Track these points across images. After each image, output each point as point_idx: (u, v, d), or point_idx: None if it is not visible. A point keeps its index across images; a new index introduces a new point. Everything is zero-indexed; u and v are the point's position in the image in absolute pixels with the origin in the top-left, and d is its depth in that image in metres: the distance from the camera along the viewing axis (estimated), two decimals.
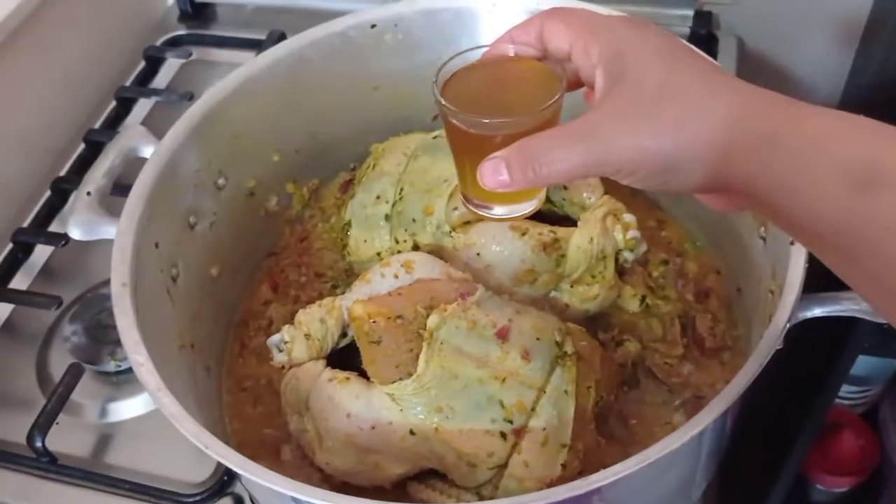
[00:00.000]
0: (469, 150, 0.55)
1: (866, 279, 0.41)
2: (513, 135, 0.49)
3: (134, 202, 0.66)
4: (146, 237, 0.66)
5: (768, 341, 0.55)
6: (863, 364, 1.07)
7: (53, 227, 1.00)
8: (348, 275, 0.83)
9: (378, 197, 0.78)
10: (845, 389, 1.14)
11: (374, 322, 0.65)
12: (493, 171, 0.48)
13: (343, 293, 0.74)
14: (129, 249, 0.63)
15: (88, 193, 0.68)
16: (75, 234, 0.67)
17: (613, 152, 0.45)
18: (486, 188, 0.49)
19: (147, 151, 0.74)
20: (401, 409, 0.63)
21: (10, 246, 0.97)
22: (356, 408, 0.63)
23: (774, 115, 0.43)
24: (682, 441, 0.52)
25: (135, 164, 0.76)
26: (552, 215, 0.80)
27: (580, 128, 0.47)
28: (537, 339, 0.66)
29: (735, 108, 0.44)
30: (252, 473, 0.52)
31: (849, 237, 0.40)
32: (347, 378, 0.66)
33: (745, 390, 0.53)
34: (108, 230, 0.68)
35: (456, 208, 0.74)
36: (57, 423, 0.80)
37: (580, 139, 0.46)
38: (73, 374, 0.83)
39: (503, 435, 0.62)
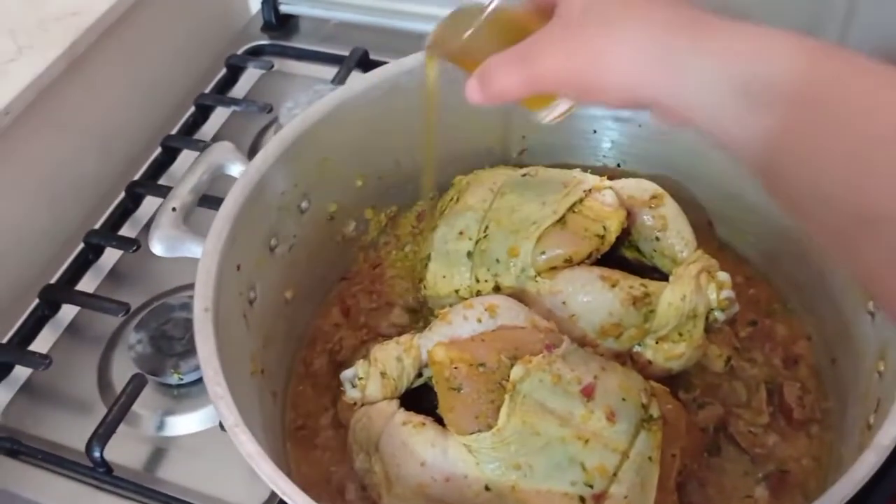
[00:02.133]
0: None
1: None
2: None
3: (221, 223, 0.64)
4: (229, 259, 0.65)
5: (889, 437, 0.51)
6: None
7: (125, 231, 0.99)
8: (421, 307, 0.81)
9: (461, 233, 0.76)
10: None
11: (455, 368, 0.62)
12: (469, 90, 0.54)
13: (418, 329, 0.72)
14: (214, 271, 0.62)
15: (174, 209, 0.66)
16: (158, 249, 0.65)
17: (544, 72, 0.50)
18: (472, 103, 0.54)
19: (234, 168, 0.72)
20: (477, 463, 0.60)
21: (80, 246, 0.96)
22: (431, 457, 0.61)
23: (683, 33, 0.45)
24: None
25: (220, 180, 0.75)
26: (640, 266, 0.77)
27: (521, 50, 0.52)
28: (623, 399, 0.63)
29: (648, 28, 0.46)
30: None
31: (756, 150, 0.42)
32: (423, 423, 0.63)
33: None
34: (191, 248, 0.66)
35: (543, 252, 0.71)
36: (115, 433, 0.79)
37: (519, 60, 0.51)
38: (136, 385, 0.82)
39: (582, 500, 0.59)
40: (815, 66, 0.41)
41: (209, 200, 0.76)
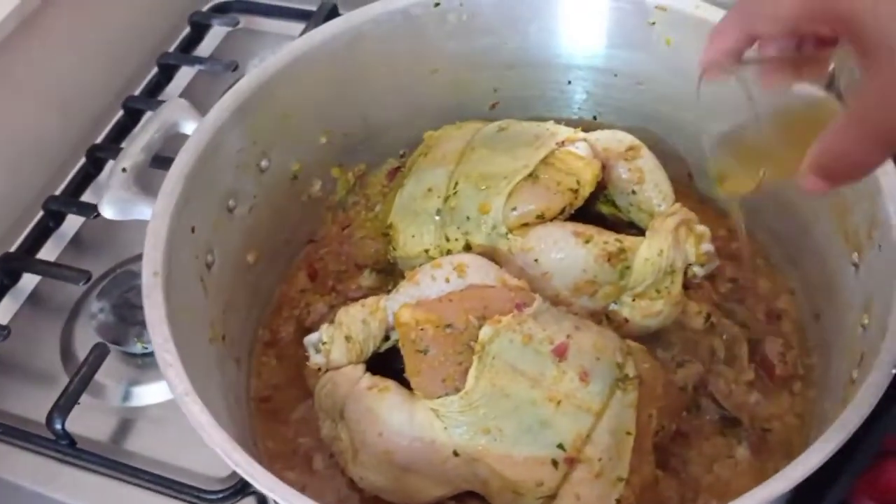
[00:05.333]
0: None
1: None
2: None
3: (172, 183, 0.61)
4: (182, 221, 0.61)
5: (873, 390, 0.49)
6: None
7: (86, 197, 0.96)
8: (392, 269, 0.78)
9: (430, 189, 0.73)
10: None
11: (422, 329, 0.60)
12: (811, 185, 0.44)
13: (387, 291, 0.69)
14: (164, 235, 0.59)
15: (124, 170, 0.63)
16: (108, 213, 0.62)
17: None
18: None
19: (188, 127, 0.69)
20: (445, 428, 0.58)
21: (40, 213, 0.93)
22: (397, 422, 0.59)
23: None
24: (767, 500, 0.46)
25: (175, 139, 0.71)
26: (616, 221, 0.74)
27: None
28: (597, 358, 0.60)
29: None
30: (284, 498, 0.47)
31: None
32: (389, 388, 0.61)
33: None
34: (143, 210, 0.63)
35: (515, 208, 0.68)
36: (78, 404, 0.77)
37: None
38: (98, 354, 0.79)
39: (554, 463, 0.57)
40: None
41: (164, 161, 0.72)
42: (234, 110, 0.67)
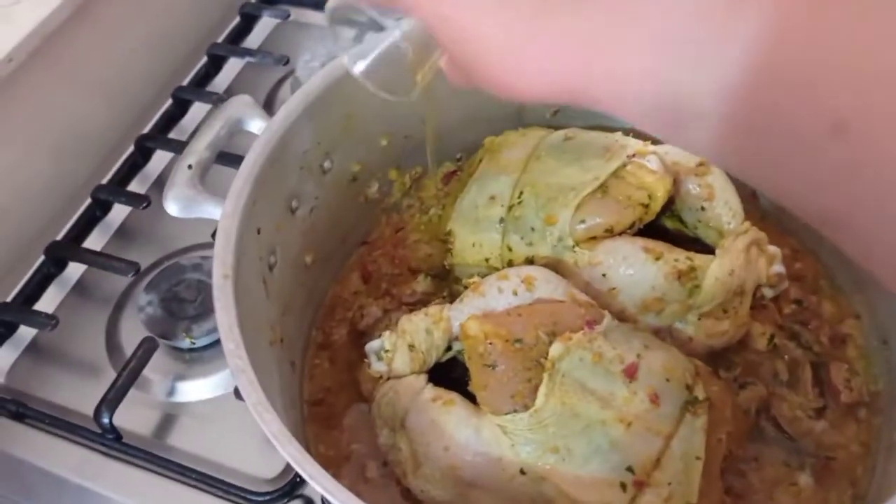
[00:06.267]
0: None
1: None
2: None
3: (241, 183, 0.60)
4: (249, 222, 0.60)
5: None
6: None
7: (134, 187, 0.95)
8: (446, 275, 0.77)
9: (493, 197, 0.71)
10: None
11: (490, 343, 0.58)
12: None
13: (442, 299, 0.68)
14: (234, 236, 0.57)
15: (190, 167, 0.62)
16: (173, 210, 0.61)
17: None
18: None
19: (252, 124, 0.68)
20: (512, 445, 0.57)
21: (88, 202, 0.92)
22: (463, 437, 0.57)
23: None
24: None
25: (237, 136, 0.70)
26: (680, 237, 0.73)
27: None
28: (667, 380, 0.59)
29: None
30: None
31: None
32: (453, 401, 0.60)
33: None
34: (208, 209, 0.62)
35: (583, 221, 0.67)
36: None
37: None
38: (147, 349, 0.78)
39: (623, 486, 0.56)
40: None
41: (225, 157, 0.71)
42: (302, 111, 0.65)
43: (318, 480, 0.47)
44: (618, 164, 0.68)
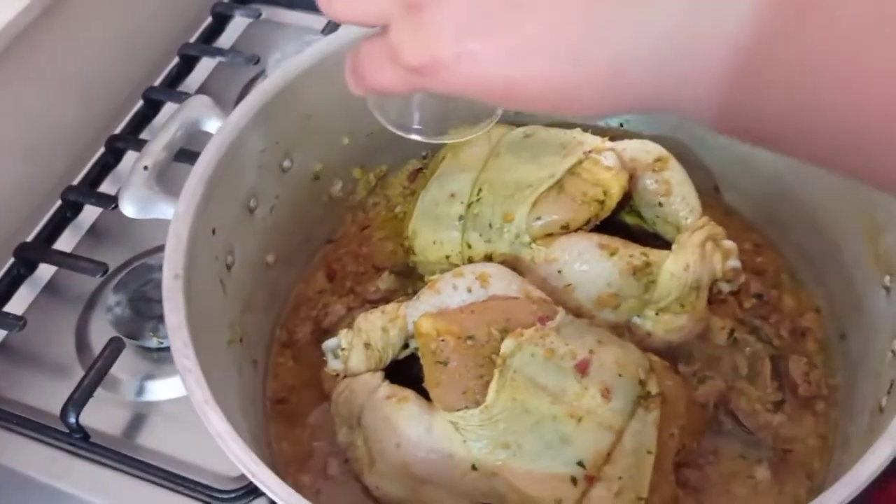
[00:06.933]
0: None
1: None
2: None
3: (194, 183, 0.60)
4: (204, 222, 0.61)
5: None
6: None
7: (104, 188, 0.95)
8: (411, 272, 0.77)
9: (453, 195, 0.72)
10: None
11: (442, 340, 0.59)
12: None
13: (407, 295, 0.68)
14: (185, 236, 0.58)
15: (146, 168, 0.62)
16: (128, 211, 0.61)
17: None
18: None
19: (211, 125, 0.68)
20: (464, 441, 0.57)
21: (58, 203, 0.92)
22: (415, 434, 0.58)
23: None
24: None
25: (197, 135, 0.71)
26: (640, 232, 0.73)
27: None
28: (619, 375, 0.59)
29: None
30: None
31: None
32: (407, 398, 0.60)
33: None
34: (164, 209, 0.62)
35: (539, 218, 0.67)
36: (92, 398, 0.76)
37: None
38: (114, 348, 0.79)
39: (574, 480, 0.56)
40: None
41: (188, 156, 0.71)
42: (258, 110, 0.65)
43: (259, 479, 0.47)
44: (574, 160, 0.68)
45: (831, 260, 0.70)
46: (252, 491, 0.72)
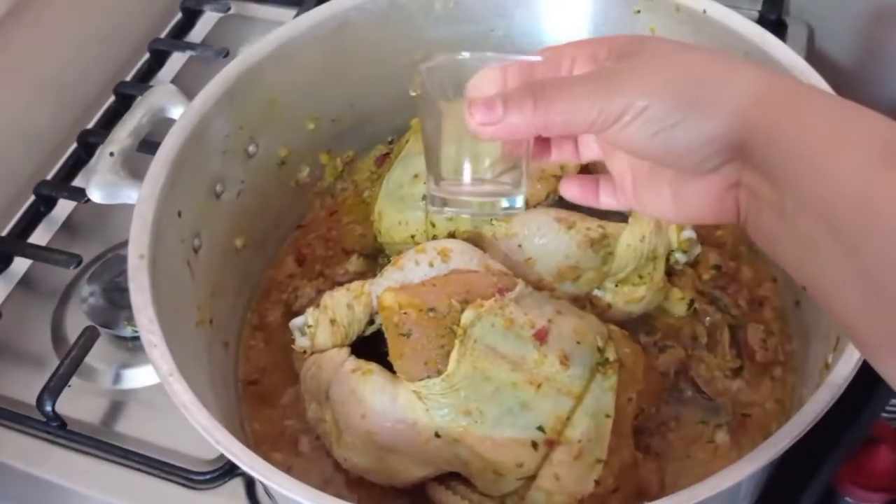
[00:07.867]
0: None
1: (863, 281, 0.36)
2: None
3: (158, 167, 0.61)
4: (169, 205, 0.62)
5: (843, 374, 0.50)
6: None
7: (77, 182, 0.96)
8: (379, 254, 0.79)
9: (416, 176, 0.73)
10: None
11: (404, 313, 0.60)
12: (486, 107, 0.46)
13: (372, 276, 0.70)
14: (150, 218, 0.59)
15: (111, 154, 0.63)
16: (95, 196, 0.63)
17: (624, 87, 0.43)
18: (472, 127, 0.47)
19: (176, 112, 0.69)
20: (427, 410, 0.59)
21: (32, 198, 0.93)
22: (379, 404, 0.59)
23: (801, 87, 0.43)
24: (735, 481, 0.47)
25: (163, 123, 0.72)
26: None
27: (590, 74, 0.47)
28: (577, 343, 0.61)
29: (758, 74, 0.43)
30: (267, 478, 0.48)
31: (863, 217, 0.36)
32: (371, 370, 0.62)
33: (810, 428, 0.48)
34: (130, 194, 0.64)
35: None
36: (69, 387, 0.77)
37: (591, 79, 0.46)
38: (88, 337, 0.80)
39: (534, 445, 0.58)
40: None
41: (152, 146, 0.73)
42: (221, 96, 0.67)
43: (224, 446, 0.49)
44: None
45: None
46: (227, 472, 0.73)
